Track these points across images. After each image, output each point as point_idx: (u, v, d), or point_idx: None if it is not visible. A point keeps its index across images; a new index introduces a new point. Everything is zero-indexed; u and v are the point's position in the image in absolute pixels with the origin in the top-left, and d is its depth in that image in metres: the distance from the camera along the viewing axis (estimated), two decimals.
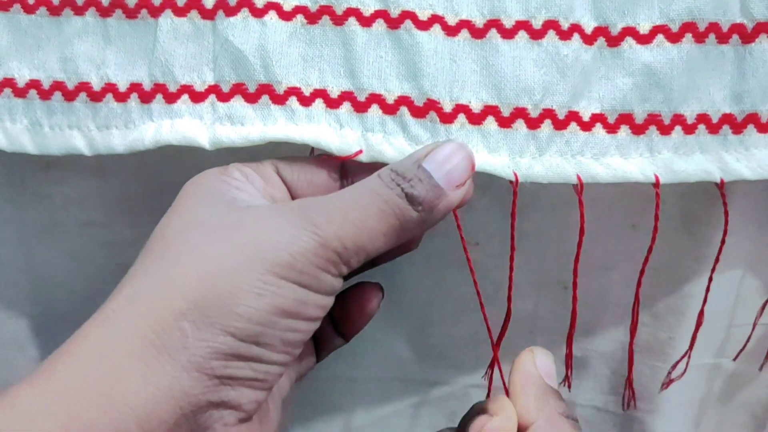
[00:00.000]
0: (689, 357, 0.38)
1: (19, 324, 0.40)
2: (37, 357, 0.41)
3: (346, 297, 0.34)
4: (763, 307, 0.39)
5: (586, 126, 0.32)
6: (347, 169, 0.32)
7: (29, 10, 0.32)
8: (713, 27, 0.31)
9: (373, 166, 0.30)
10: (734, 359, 0.40)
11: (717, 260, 0.35)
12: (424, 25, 0.31)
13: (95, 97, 0.32)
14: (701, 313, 0.37)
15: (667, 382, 0.40)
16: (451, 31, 0.31)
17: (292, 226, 0.26)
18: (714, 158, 0.33)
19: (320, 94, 0.31)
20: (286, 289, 0.26)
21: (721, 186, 0.33)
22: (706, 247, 0.37)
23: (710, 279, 0.36)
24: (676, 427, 0.42)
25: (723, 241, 0.35)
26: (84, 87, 0.32)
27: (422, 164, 0.28)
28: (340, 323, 0.34)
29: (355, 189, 0.28)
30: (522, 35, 0.31)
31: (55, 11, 0.32)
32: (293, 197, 0.31)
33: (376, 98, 0.31)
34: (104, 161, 0.34)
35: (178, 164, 0.33)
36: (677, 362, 0.39)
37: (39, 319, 0.40)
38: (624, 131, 0.32)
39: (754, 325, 0.39)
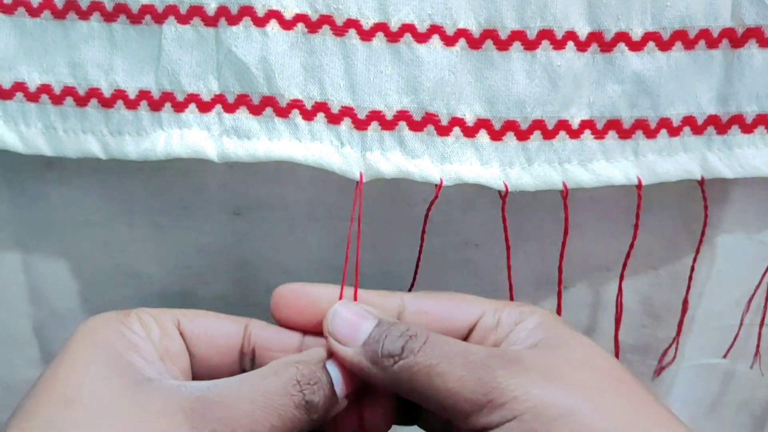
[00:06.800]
0: (677, 344, 0.39)
1: (18, 324, 0.40)
2: (37, 357, 0.41)
3: None
4: (747, 307, 0.39)
5: (575, 133, 0.32)
6: (249, 336, 0.32)
7: (34, 13, 0.32)
8: (704, 33, 0.32)
9: (280, 342, 0.31)
10: (725, 356, 0.40)
11: (697, 251, 0.36)
12: (422, 38, 0.31)
13: (106, 103, 0.33)
14: (686, 300, 0.38)
15: (658, 369, 0.40)
16: (449, 41, 0.31)
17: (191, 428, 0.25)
18: (696, 157, 0.33)
19: (322, 107, 0.32)
20: None
21: (701, 183, 0.34)
22: (706, 247, 0.37)
23: (692, 268, 0.37)
24: None
25: (702, 234, 0.36)
26: (95, 93, 0.33)
27: (327, 365, 0.29)
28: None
29: (253, 389, 0.27)
30: (516, 46, 0.31)
31: (59, 15, 0.32)
32: (189, 350, 0.31)
33: (375, 115, 0.32)
34: (103, 161, 0.34)
35: (176, 163, 0.33)
36: (667, 348, 0.39)
37: (38, 319, 0.40)
38: (611, 137, 0.33)
39: (761, 327, 0.39)
